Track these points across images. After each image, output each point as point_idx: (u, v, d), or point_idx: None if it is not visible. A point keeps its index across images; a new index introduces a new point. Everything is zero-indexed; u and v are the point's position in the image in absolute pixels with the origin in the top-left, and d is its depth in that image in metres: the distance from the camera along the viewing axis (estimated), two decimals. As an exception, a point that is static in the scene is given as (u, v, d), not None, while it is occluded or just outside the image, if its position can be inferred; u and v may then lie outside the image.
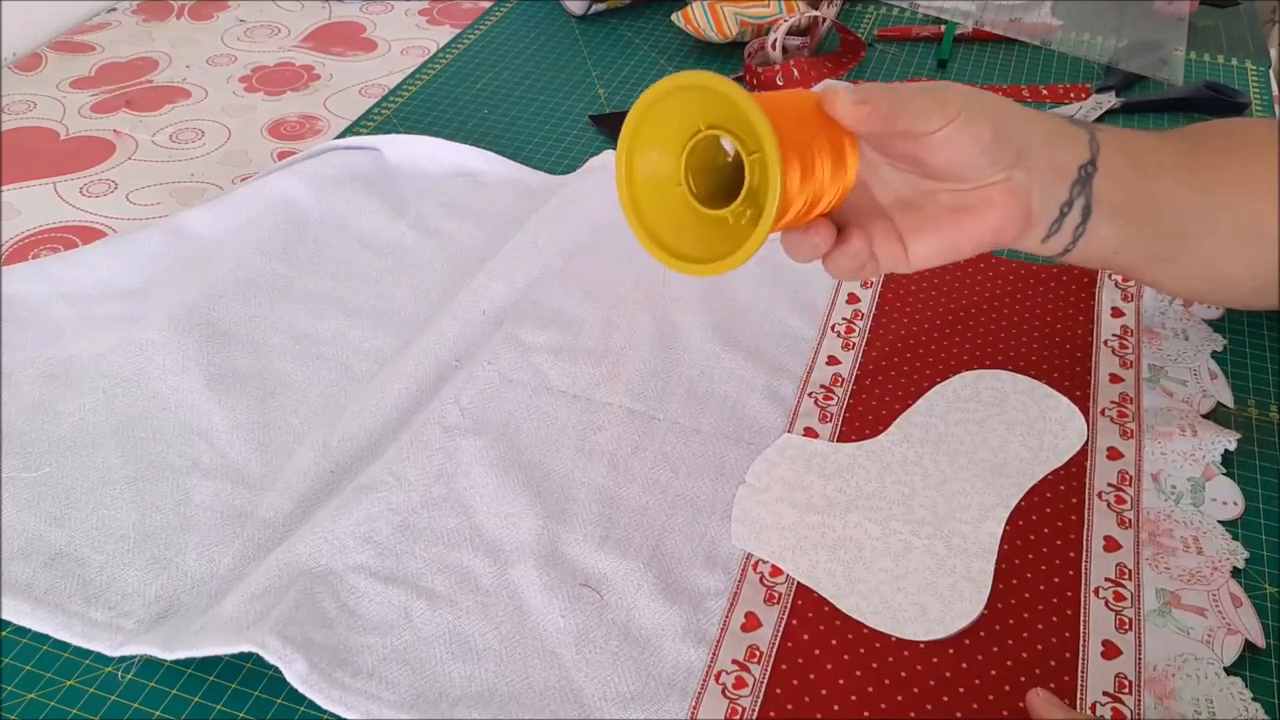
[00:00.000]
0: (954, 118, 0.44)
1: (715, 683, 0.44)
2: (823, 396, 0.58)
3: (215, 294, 0.63)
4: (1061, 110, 0.83)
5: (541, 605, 0.47)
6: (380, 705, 0.43)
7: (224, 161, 0.80)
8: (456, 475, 0.53)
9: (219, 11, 1.02)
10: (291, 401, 0.58)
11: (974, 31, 0.94)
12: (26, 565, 0.49)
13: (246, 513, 0.51)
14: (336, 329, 0.62)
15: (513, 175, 0.75)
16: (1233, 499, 0.52)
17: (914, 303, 0.64)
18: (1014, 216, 0.46)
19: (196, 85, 0.90)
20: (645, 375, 0.59)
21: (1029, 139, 0.46)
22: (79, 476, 0.53)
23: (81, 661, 0.46)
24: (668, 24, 0.98)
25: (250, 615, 0.45)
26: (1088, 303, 0.63)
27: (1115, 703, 0.43)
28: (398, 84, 0.89)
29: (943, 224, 0.46)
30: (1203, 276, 0.51)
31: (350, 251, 0.68)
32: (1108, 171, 0.47)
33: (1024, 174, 0.46)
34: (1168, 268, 0.51)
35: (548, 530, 0.50)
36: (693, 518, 0.51)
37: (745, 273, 0.66)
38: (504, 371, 0.59)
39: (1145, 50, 0.89)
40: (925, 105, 0.44)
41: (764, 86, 0.87)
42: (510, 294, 0.64)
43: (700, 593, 0.48)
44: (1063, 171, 0.47)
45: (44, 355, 0.60)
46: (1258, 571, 0.49)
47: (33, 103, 0.87)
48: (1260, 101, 0.85)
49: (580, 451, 0.55)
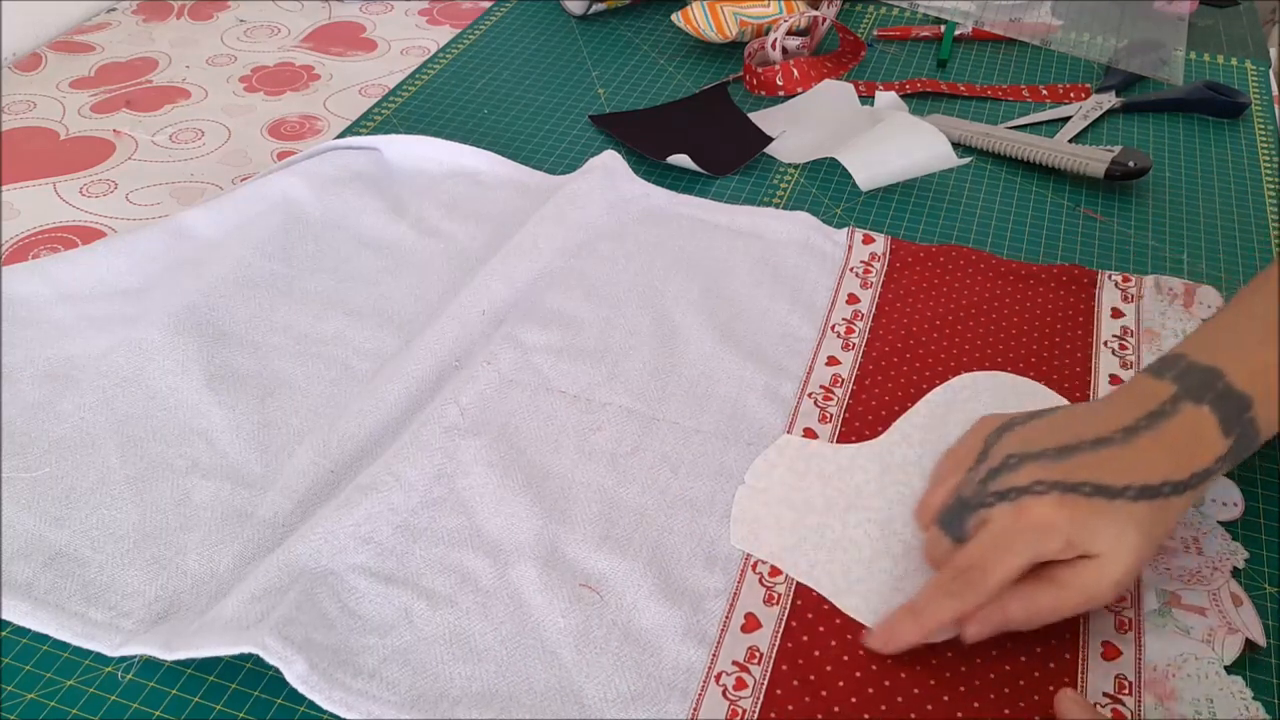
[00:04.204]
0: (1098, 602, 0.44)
1: (716, 684, 0.44)
2: (822, 397, 0.58)
3: (215, 294, 0.63)
4: (1061, 110, 0.83)
5: (542, 605, 0.47)
6: (381, 706, 0.43)
7: (224, 161, 0.80)
8: (456, 475, 0.53)
9: (219, 11, 1.02)
10: (291, 401, 0.58)
11: (974, 31, 0.94)
12: (26, 565, 0.49)
13: (246, 513, 0.51)
14: (336, 329, 0.62)
15: (513, 175, 0.75)
16: (1233, 500, 0.52)
17: (914, 303, 0.64)
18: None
19: (196, 85, 0.90)
20: (645, 375, 0.59)
21: (1168, 527, 0.44)
22: (79, 476, 0.53)
23: (81, 661, 0.46)
24: (668, 24, 0.98)
25: (250, 616, 0.45)
26: (1088, 303, 0.63)
27: (1115, 704, 0.43)
28: (398, 84, 0.88)
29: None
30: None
31: (350, 251, 0.68)
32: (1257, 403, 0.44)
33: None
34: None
35: (548, 530, 0.50)
36: (692, 518, 0.51)
37: (745, 273, 0.66)
38: (504, 371, 0.59)
39: (1145, 50, 0.89)
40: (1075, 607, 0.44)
41: (764, 86, 0.87)
42: (510, 294, 0.64)
43: (700, 593, 0.48)
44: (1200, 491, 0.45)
45: (44, 355, 0.60)
46: (1258, 571, 0.49)
47: (33, 103, 0.87)
48: (1260, 101, 0.85)
49: (580, 452, 0.55)
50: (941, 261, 0.67)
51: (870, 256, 0.67)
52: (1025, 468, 0.45)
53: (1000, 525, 0.44)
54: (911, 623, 0.45)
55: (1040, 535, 0.43)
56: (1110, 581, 0.43)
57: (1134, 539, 0.43)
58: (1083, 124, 0.81)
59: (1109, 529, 0.43)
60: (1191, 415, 0.44)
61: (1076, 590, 0.43)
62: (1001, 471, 0.45)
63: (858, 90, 0.86)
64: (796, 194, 0.74)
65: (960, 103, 0.85)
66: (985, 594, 0.43)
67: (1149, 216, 0.72)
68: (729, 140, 0.79)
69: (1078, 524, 0.42)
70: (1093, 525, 0.43)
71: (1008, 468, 0.45)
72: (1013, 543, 0.43)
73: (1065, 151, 0.75)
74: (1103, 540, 0.43)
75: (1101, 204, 0.73)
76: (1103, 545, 0.43)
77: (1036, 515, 0.43)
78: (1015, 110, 0.84)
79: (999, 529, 0.44)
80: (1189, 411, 0.44)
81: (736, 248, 0.68)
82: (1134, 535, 0.43)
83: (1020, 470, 0.45)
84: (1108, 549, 0.43)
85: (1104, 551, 0.43)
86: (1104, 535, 0.43)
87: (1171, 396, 0.45)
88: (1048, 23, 0.94)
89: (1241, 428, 0.44)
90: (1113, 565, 0.43)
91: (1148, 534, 0.43)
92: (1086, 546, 0.43)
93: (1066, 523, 0.43)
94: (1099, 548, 0.43)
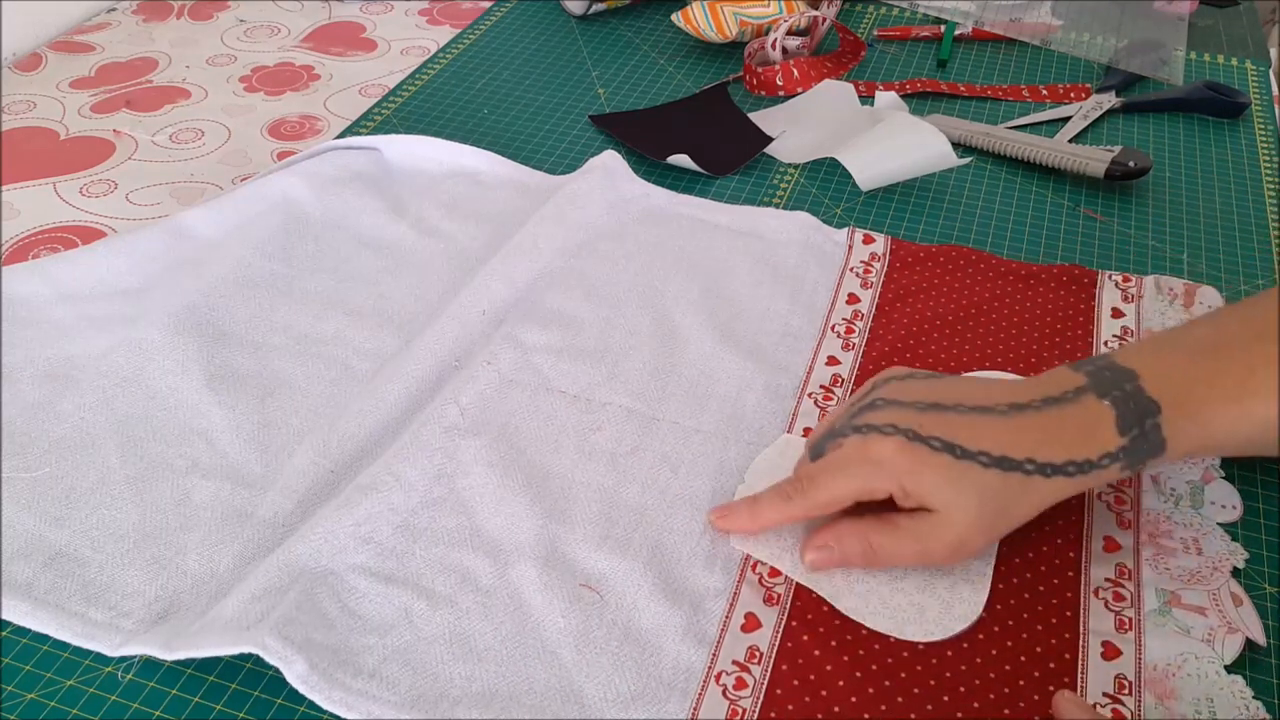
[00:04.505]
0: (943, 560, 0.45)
1: (716, 683, 0.44)
2: (822, 397, 0.58)
3: (215, 294, 0.63)
4: (1061, 110, 0.83)
5: (542, 605, 0.47)
6: (381, 706, 0.43)
7: (224, 161, 0.80)
8: (456, 475, 0.53)
9: (219, 11, 1.02)
10: (291, 401, 0.58)
11: (974, 31, 0.94)
12: (26, 565, 0.49)
13: (246, 513, 0.51)
14: (336, 329, 0.62)
15: (513, 175, 0.75)
16: (1231, 502, 0.52)
17: (914, 303, 0.64)
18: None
19: (196, 85, 0.90)
20: (645, 375, 0.59)
21: (1027, 508, 0.45)
22: (79, 476, 0.53)
23: (81, 661, 0.46)
24: (668, 24, 0.98)
25: (250, 616, 0.45)
26: (1088, 303, 0.63)
27: (1115, 703, 0.43)
28: (398, 84, 0.89)
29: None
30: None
31: (350, 251, 0.68)
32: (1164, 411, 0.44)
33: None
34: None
35: (548, 530, 0.50)
36: (692, 518, 0.51)
37: (745, 273, 0.66)
38: (504, 371, 0.59)
39: (1145, 50, 0.89)
40: (909, 558, 0.46)
41: (764, 86, 0.87)
42: (510, 294, 0.64)
43: (700, 593, 0.48)
44: (1088, 480, 0.45)
45: (44, 355, 0.60)
46: (1258, 572, 0.49)
47: (33, 103, 0.87)
48: (1260, 101, 0.85)
49: (580, 451, 0.55)
50: (941, 261, 0.67)
51: (870, 256, 0.67)
52: (887, 410, 0.46)
53: (844, 452, 0.46)
54: (748, 513, 0.49)
55: (874, 470, 0.45)
56: (945, 541, 0.44)
57: (974, 502, 0.43)
58: (1083, 124, 0.81)
59: (946, 486, 0.43)
60: (1089, 406, 0.45)
61: (910, 539, 0.45)
62: (867, 409, 0.47)
63: (858, 90, 0.86)
64: (796, 194, 0.74)
65: (960, 103, 0.85)
66: (810, 505, 0.46)
67: (1149, 216, 0.72)
68: (729, 140, 0.79)
69: (912, 472, 0.44)
70: (928, 477, 0.44)
71: (873, 406, 0.47)
72: (847, 468, 0.46)
73: (1065, 151, 0.75)
74: (939, 495, 0.44)
75: (1101, 204, 0.73)
76: (938, 500, 0.44)
77: (875, 450, 0.45)
78: (1015, 110, 0.84)
79: (841, 455, 0.46)
80: (1088, 403, 0.45)
81: (736, 247, 0.68)
82: (975, 499, 0.43)
83: (882, 411, 0.46)
84: (943, 506, 0.44)
85: (940, 507, 0.44)
86: (941, 491, 0.44)
87: (1077, 388, 0.45)
88: (1048, 23, 0.95)
89: (1142, 431, 0.44)
90: (948, 524, 0.44)
91: (994, 504, 0.44)
92: (921, 497, 0.44)
93: (901, 467, 0.44)
94: (934, 502, 0.44)
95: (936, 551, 0.45)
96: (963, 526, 0.44)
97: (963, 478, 0.43)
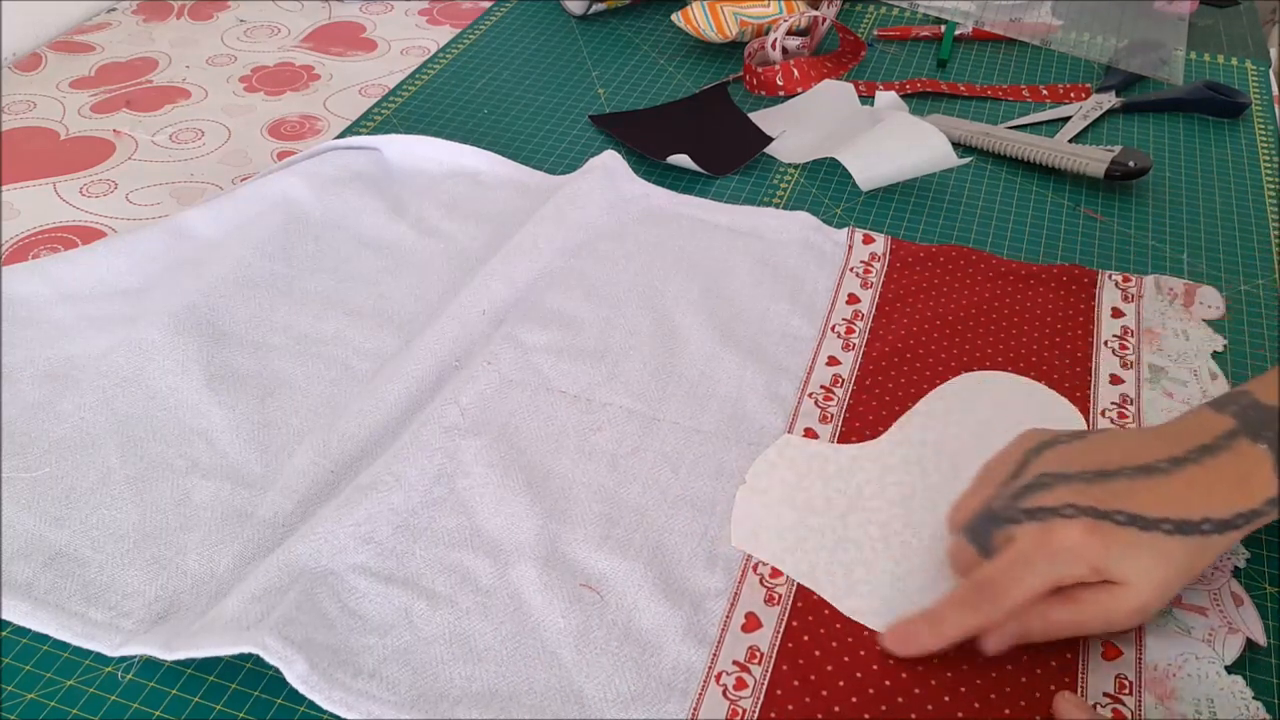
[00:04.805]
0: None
1: (716, 684, 0.44)
2: (823, 397, 0.58)
3: (215, 294, 0.63)
4: (1061, 110, 0.83)
5: (542, 605, 0.47)
6: (381, 705, 0.43)
7: (224, 161, 0.80)
8: (456, 475, 0.53)
9: (219, 11, 1.02)
10: (291, 401, 0.58)
11: (974, 31, 0.94)
12: (26, 565, 0.49)
13: (246, 513, 0.51)
14: (336, 329, 0.62)
15: (513, 175, 0.75)
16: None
17: (914, 303, 0.64)
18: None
19: (196, 85, 0.90)
20: (645, 375, 0.59)
21: (1204, 565, 0.44)
22: (79, 476, 0.53)
23: (81, 661, 0.46)
24: (668, 24, 0.98)
25: (251, 616, 0.45)
26: (1088, 303, 0.63)
27: (1116, 704, 0.43)
28: (398, 84, 0.88)
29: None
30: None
31: (350, 251, 0.68)
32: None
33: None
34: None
35: (548, 530, 0.50)
36: (693, 518, 0.51)
37: (745, 273, 0.66)
38: (504, 371, 0.59)
39: (1145, 50, 0.89)
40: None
41: (764, 86, 0.87)
42: (510, 294, 0.64)
43: (700, 593, 0.48)
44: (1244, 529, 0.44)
45: (44, 355, 0.60)
46: (1258, 571, 0.49)
47: (33, 103, 0.87)
48: (1260, 101, 0.85)
49: (580, 452, 0.54)
50: (941, 261, 0.67)
51: (870, 256, 0.67)
52: (1058, 488, 0.44)
53: (1025, 545, 0.44)
54: (929, 631, 0.45)
55: (1064, 560, 0.43)
56: (1129, 609, 0.43)
57: (1162, 573, 0.43)
58: (1083, 124, 0.81)
59: (1137, 560, 0.42)
60: (1246, 452, 0.43)
61: (1094, 611, 0.43)
62: (1034, 489, 0.45)
63: (858, 90, 0.86)
64: (796, 194, 0.74)
65: (960, 103, 0.85)
66: (1002, 611, 0.43)
67: (1149, 216, 0.72)
68: (729, 140, 0.79)
69: (1105, 553, 0.42)
70: (1120, 555, 0.42)
71: (1041, 486, 0.45)
72: (1035, 564, 0.43)
73: (1065, 151, 0.75)
74: (1130, 570, 0.42)
75: (1101, 204, 0.73)
76: (1129, 575, 0.43)
77: (1062, 539, 0.43)
78: (1015, 110, 0.84)
79: (1023, 548, 0.44)
80: (1244, 448, 0.43)
81: (736, 248, 0.68)
82: (1163, 569, 0.43)
83: (1053, 490, 0.44)
84: (1134, 579, 0.43)
85: (1128, 580, 0.43)
86: (1131, 566, 0.42)
87: (1229, 431, 0.44)
88: (1048, 23, 0.94)
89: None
90: (1135, 595, 0.43)
91: (1179, 570, 0.43)
92: (1112, 575, 0.43)
93: (1093, 550, 0.42)
94: (1125, 577, 0.43)
95: (1121, 623, 0.44)
96: (1148, 594, 0.43)
97: (1151, 549, 0.43)
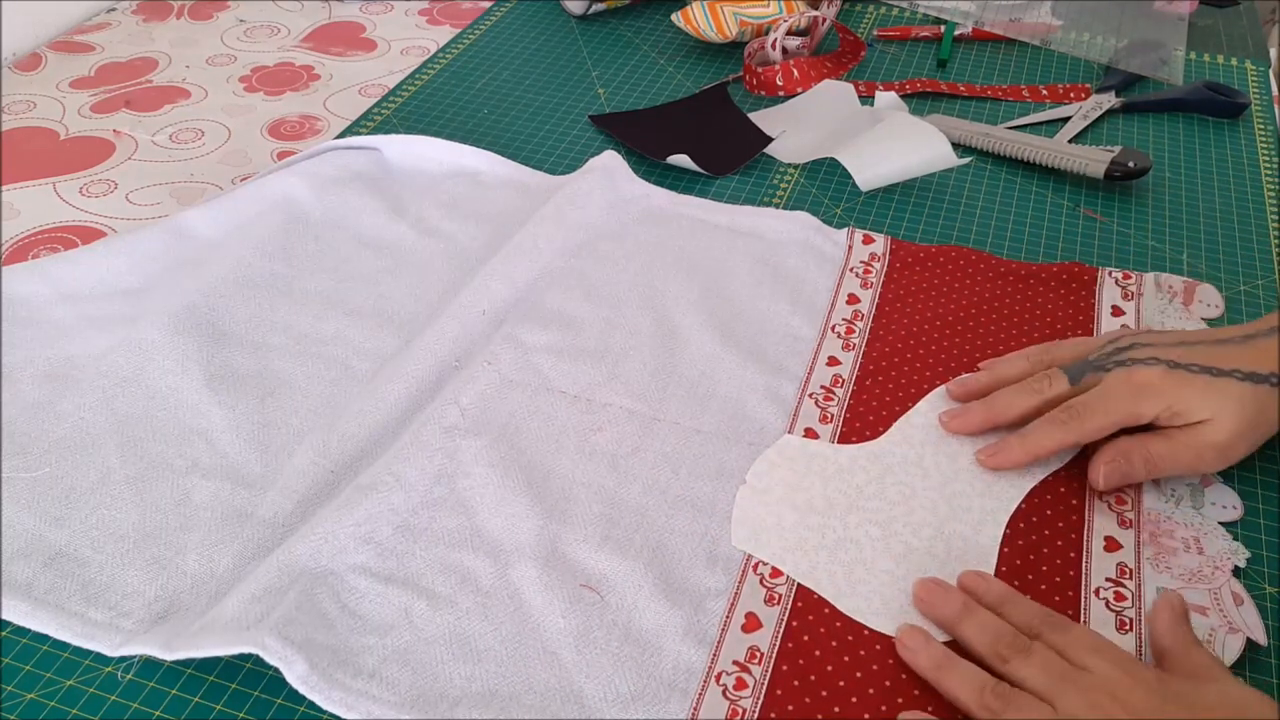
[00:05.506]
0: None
1: (716, 684, 0.44)
2: (823, 397, 0.58)
3: (215, 294, 0.63)
4: (1061, 110, 0.83)
5: (542, 606, 0.47)
6: (381, 706, 0.43)
7: (224, 161, 0.80)
8: (457, 476, 0.53)
9: (219, 11, 1.02)
10: (291, 401, 0.58)
11: (974, 31, 0.94)
12: (26, 565, 0.49)
13: (246, 513, 0.51)
14: (336, 329, 0.62)
15: (513, 175, 0.75)
16: (1231, 503, 0.52)
17: (914, 303, 0.64)
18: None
19: (196, 85, 0.90)
20: (645, 376, 0.59)
21: (1271, 418, 0.50)
22: (79, 476, 0.53)
23: (81, 661, 0.46)
24: (668, 24, 0.98)
25: (250, 616, 0.45)
26: (1088, 302, 0.63)
27: (1116, 703, 0.43)
28: (398, 84, 0.88)
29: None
30: None
31: (350, 251, 0.68)
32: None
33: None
34: None
35: (548, 531, 0.50)
36: (693, 518, 0.51)
37: (745, 273, 0.66)
38: (504, 372, 0.59)
39: (1145, 50, 0.89)
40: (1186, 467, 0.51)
41: (764, 86, 0.87)
42: (510, 294, 0.64)
43: (701, 593, 0.48)
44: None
45: (44, 355, 0.60)
46: (1258, 571, 0.49)
47: (33, 103, 0.87)
48: (1260, 101, 0.85)
49: (581, 452, 0.54)
50: (941, 262, 0.67)
51: (870, 256, 0.67)
52: (1145, 348, 0.52)
53: (1111, 382, 0.51)
54: (1019, 445, 0.52)
55: (1142, 395, 0.50)
56: (1215, 444, 0.50)
57: (1235, 409, 0.50)
58: (1083, 124, 0.81)
59: (1210, 399, 0.50)
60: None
61: (1185, 446, 0.50)
62: (1125, 350, 0.53)
63: (858, 90, 0.86)
64: (796, 194, 0.74)
65: (960, 103, 0.85)
66: (1084, 433, 0.51)
67: (1149, 216, 0.72)
68: (729, 140, 0.79)
69: (1178, 392, 0.50)
70: (1192, 395, 0.50)
71: (1132, 347, 0.53)
72: (1119, 396, 0.51)
73: (1065, 151, 0.75)
74: (1204, 408, 0.50)
75: (1101, 204, 0.73)
76: (1206, 411, 0.50)
77: (1141, 378, 0.51)
78: (1015, 110, 0.84)
79: (1109, 384, 0.51)
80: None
81: (736, 248, 0.68)
82: (1235, 408, 0.50)
83: (1140, 349, 0.52)
84: (1211, 414, 0.50)
85: (1207, 416, 0.50)
86: (1205, 404, 0.50)
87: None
88: (1048, 23, 0.95)
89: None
90: (1217, 430, 0.50)
91: (1251, 410, 0.50)
92: (1188, 414, 0.50)
93: (1169, 389, 0.50)
94: (1201, 414, 0.50)
95: (1208, 456, 0.50)
96: (1229, 431, 0.50)
97: (1223, 391, 0.50)
